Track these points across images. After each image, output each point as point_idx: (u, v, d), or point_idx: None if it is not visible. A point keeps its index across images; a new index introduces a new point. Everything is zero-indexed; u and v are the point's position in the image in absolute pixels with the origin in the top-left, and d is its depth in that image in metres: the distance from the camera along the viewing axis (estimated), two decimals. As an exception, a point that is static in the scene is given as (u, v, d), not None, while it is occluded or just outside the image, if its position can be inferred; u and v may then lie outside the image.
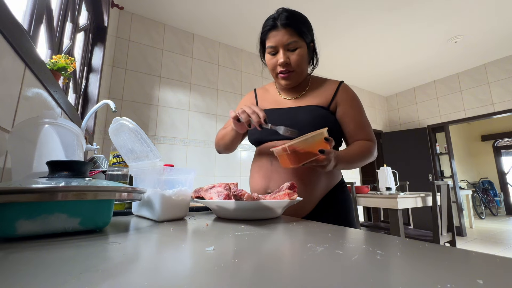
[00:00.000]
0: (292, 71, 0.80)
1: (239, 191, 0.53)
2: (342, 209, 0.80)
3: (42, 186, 0.33)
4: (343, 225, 0.52)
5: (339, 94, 0.83)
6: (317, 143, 0.64)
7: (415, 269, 0.23)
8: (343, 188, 0.84)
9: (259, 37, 0.85)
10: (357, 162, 0.77)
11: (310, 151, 0.63)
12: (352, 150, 0.76)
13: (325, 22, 2.83)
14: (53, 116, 0.55)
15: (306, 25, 0.79)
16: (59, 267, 0.23)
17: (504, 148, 6.56)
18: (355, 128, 0.81)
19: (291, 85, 0.84)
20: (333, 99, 0.82)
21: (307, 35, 0.79)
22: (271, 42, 0.78)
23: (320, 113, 0.79)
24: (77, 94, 1.58)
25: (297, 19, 0.77)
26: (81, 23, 1.63)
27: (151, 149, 0.53)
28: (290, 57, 0.78)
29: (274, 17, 0.78)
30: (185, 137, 2.77)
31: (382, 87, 4.74)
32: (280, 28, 0.76)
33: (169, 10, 2.67)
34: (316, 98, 0.83)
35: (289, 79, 0.81)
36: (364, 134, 0.82)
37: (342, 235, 0.37)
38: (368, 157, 0.79)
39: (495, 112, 3.73)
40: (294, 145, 0.61)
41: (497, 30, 3.03)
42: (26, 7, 0.89)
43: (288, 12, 0.78)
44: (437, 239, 2.08)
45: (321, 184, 0.77)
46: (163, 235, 0.38)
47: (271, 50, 0.79)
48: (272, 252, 0.30)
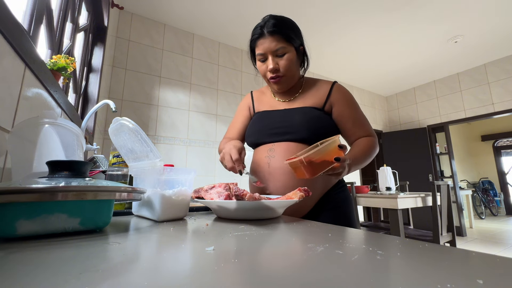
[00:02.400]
0: (282, 76, 0.81)
1: (240, 191, 0.52)
2: (342, 209, 0.80)
3: (42, 186, 0.33)
4: (343, 225, 0.53)
5: (333, 94, 0.84)
6: (332, 151, 0.64)
7: (415, 269, 0.23)
8: (342, 187, 0.84)
9: (248, 45, 0.87)
10: (365, 161, 0.77)
11: (325, 159, 0.63)
12: (358, 151, 0.77)
13: (326, 23, 2.83)
14: (53, 116, 0.55)
15: (293, 30, 0.81)
16: (59, 267, 0.23)
17: (504, 148, 6.56)
18: (353, 126, 0.82)
19: (283, 89, 0.86)
20: (327, 100, 0.83)
21: (294, 40, 0.80)
22: (259, 49, 0.80)
23: (314, 114, 0.80)
24: (77, 94, 1.58)
25: (284, 25, 0.79)
26: (81, 23, 1.63)
27: (151, 149, 0.53)
28: (279, 63, 0.80)
29: (261, 26, 0.80)
30: (185, 137, 2.77)
31: (382, 87, 4.74)
32: (267, 35, 0.78)
33: (169, 10, 2.67)
34: (310, 100, 0.85)
35: (280, 83, 0.83)
36: (364, 131, 0.83)
37: (342, 235, 0.37)
38: (373, 153, 0.80)
39: (495, 112, 3.73)
40: (310, 156, 0.61)
41: (497, 30, 3.03)
42: (26, 7, 0.89)
43: (275, 19, 0.79)
44: (437, 239, 2.08)
45: (318, 184, 0.78)
46: (163, 235, 0.38)
47: (261, 57, 0.81)
48: (272, 252, 0.30)
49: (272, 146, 0.81)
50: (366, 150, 0.78)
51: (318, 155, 0.62)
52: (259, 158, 0.83)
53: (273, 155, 0.80)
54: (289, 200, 0.55)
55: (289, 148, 0.79)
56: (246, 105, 0.97)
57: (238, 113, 0.99)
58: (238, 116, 0.98)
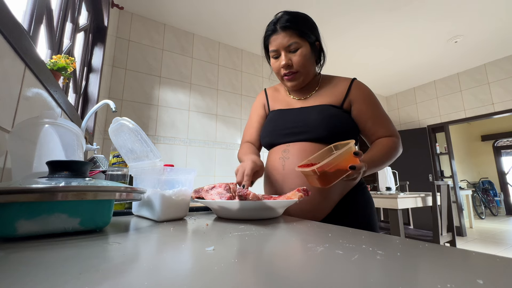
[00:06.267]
0: (295, 72, 0.78)
1: (244, 191, 0.52)
2: (363, 212, 0.75)
3: (42, 186, 0.33)
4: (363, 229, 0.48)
5: (352, 91, 0.79)
6: (347, 159, 0.60)
7: (415, 269, 0.23)
8: (364, 189, 0.79)
9: (262, 43, 0.84)
10: (384, 164, 0.73)
11: (340, 168, 0.59)
12: (377, 153, 0.72)
13: (326, 22, 2.83)
14: (53, 116, 0.55)
15: (307, 25, 0.78)
16: (59, 267, 0.23)
17: (504, 148, 6.56)
18: (374, 126, 0.78)
19: (297, 86, 0.82)
20: (346, 97, 0.79)
21: (309, 35, 0.77)
22: (272, 46, 0.78)
23: (331, 112, 0.76)
24: (77, 94, 1.58)
25: (297, 20, 0.77)
26: (81, 23, 1.63)
27: (151, 149, 0.53)
28: (292, 59, 0.77)
29: (274, 22, 0.78)
30: (185, 137, 2.77)
31: (382, 87, 4.74)
32: (280, 31, 0.76)
33: (169, 10, 2.67)
34: (327, 97, 0.80)
35: (293, 80, 0.80)
36: (385, 130, 0.78)
37: (342, 235, 0.37)
38: (394, 154, 0.75)
39: (495, 112, 3.73)
40: (323, 166, 0.57)
41: (497, 30, 3.03)
42: (26, 7, 0.89)
43: (288, 15, 0.78)
44: (437, 239, 2.08)
45: (337, 186, 0.72)
46: (163, 235, 0.38)
47: (274, 53, 0.79)
48: (272, 252, 0.30)
49: (287, 147, 0.77)
50: (386, 152, 0.73)
51: (332, 164, 0.58)
52: (273, 160, 0.79)
53: (287, 156, 0.76)
54: (289, 200, 0.55)
55: (305, 148, 0.74)
56: (261, 103, 0.93)
57: (253, 112, 0.94)
58: (253, 115, 0.94)
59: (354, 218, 0.73)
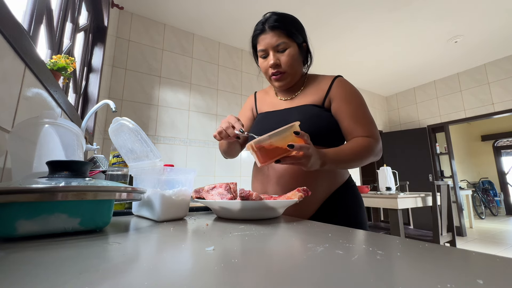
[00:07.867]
0: (283, 72, 0.79)
1: (246, 192, 0.52)
2: (350, 210, 0.76)
3: (42, 186, 0.33)
4: (352, 227, 0.48)
5: (333, 89, 0.79)
6: (286, 138, 0.59)
7: (415, 269, 0.23)
8: (351, 187, 0.79)
9: (250, 43, 0.85)
10: (352, 161, 0.69)
11: (279, 146, 0.58)
12: (344, 148, 0.70)
13: (326, 22, 2.83)
14: (53, 116, 0.55)
15: (295, 26, 0.79)
16: (59, 267, 0.23)
17: (504, 148, 6.56)
18: (351, 124, 0.75)
19: (285, 86, 0.83)
20: (326, 96, 0.79)
21: (297, 36, 0.78)
22: (261, 45, 0.79)
23: (313, 112, 0.76)
24: (77, 94, 1.58)
25: (285, 21, 0.77)
26: (81, 23, 1.63)
27: (151, 149, 0.53)
28: (280, 58, 0.78)
29: (262, 22, 0.79)
30: (185, 137, 2.77)
31: (382, 87, 4.74)
32: (268, 31, 0.77)
33: (169, 10, 2.67)
34: (310, 97, 0.81)
35: (281, 80, 0.80)
36: (363, 131, 0.74)
37: (342, 235, 0.37)
38: (366, 155, 0.71)
39: (495, 112, 3.73)
40: (260, 141, 0.57)
41: (497, 30, 3.03)
42: (26, 7, 0.89)
43: (276, 15, 0.78)
44: (437, 239, 2.08)
45: (321, 184, 0.74)
46: (163, 235, 0.38)
47: (262, 53, 0.80)
48: (272, 252, 0.30)
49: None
50: (356, 150, 0.70)
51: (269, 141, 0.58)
52: None
53: None
54: (289, 200, 0.55)
55: None
56: (249, 106, 0.95)
57: (241, 115, 0.96)
58: (241, 118, 0.95)
59: (342, 217, 0.74)
